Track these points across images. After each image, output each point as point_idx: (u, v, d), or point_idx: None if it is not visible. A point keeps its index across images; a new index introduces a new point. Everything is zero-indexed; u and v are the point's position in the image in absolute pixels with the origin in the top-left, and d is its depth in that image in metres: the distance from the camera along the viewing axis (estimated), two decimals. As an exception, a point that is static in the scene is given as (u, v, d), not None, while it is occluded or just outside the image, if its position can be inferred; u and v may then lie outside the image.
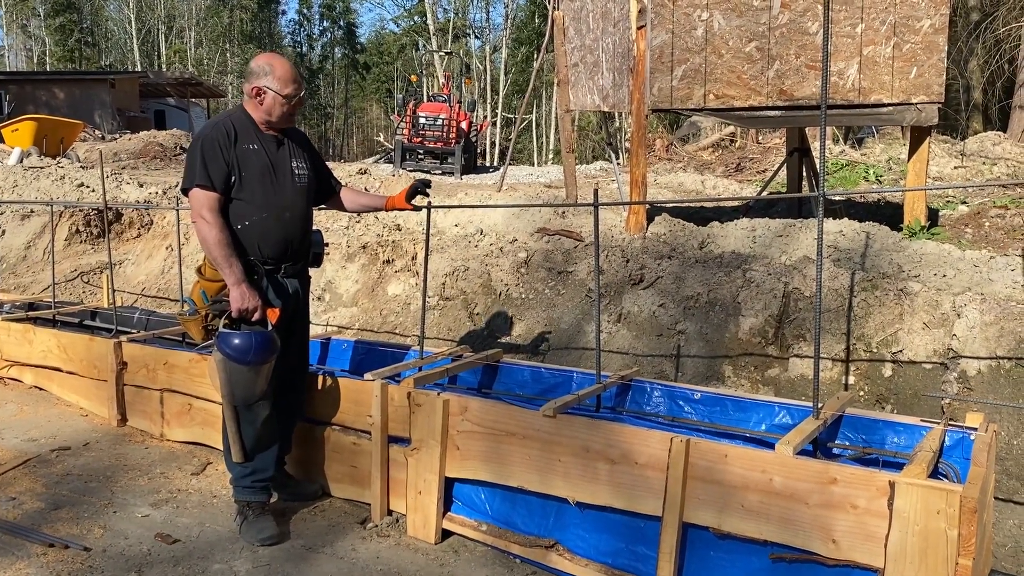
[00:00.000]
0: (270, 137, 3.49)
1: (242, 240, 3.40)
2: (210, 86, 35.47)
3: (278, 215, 3.46)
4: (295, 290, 3.59)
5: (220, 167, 3.32)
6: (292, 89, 3.43)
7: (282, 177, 3.49)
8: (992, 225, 6.47)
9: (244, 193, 3.39)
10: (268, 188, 3.44)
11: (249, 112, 3.47)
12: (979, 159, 11.59)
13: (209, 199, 3.31)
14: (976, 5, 18.38)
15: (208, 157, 3.32)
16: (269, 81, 3.41)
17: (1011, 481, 3.75)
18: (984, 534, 2.80)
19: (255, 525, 3.46)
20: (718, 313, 4.74)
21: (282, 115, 3.46)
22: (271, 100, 3.42)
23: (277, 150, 3.50)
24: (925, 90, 5.70)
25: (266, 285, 3.46)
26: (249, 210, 3.40)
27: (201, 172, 3.31)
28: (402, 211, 3.93)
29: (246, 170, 3.38)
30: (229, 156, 3.34)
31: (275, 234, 3.46)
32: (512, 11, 44.22)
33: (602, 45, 6.65)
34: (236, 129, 3.40)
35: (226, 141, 3.35)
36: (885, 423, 3.24)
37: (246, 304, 3.29)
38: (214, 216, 3.30)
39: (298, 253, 3.59)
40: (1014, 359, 3.89)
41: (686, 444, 2.90)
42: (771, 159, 12.89)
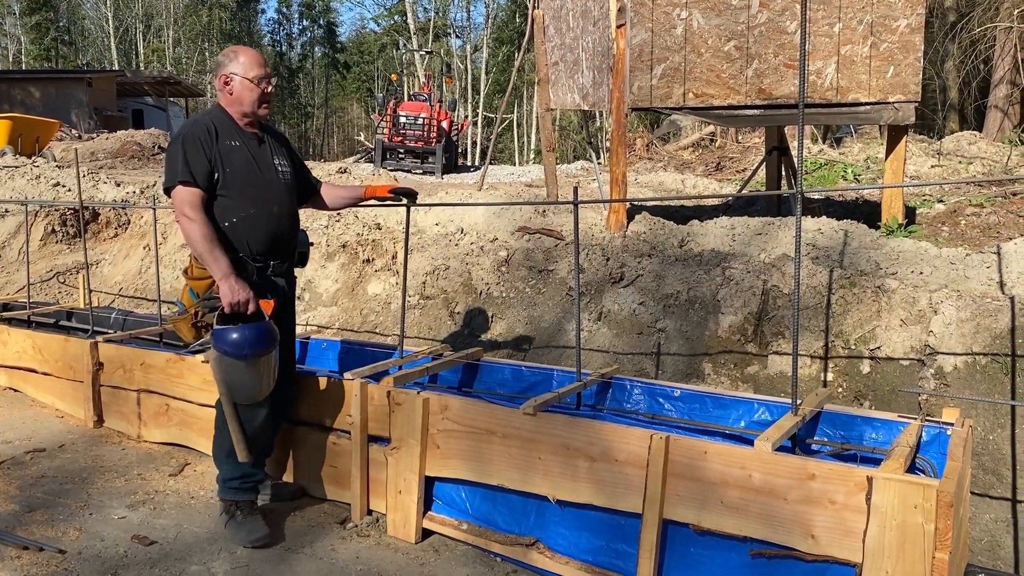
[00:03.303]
0: (250, 135, 3.44)
1: (230, 237, 3.32)
2: (189, 85, 35.17)
3: (267, 210, 3.40)
4: (283, 289, 3.54)
5: (202, 163, 3.24)
6: (257, 72, 3.36)
7: (267, 173, 3.44)
8: (968, 223, 6.54)
9: (230, 189, 3.32)
10: (254, 183, 3.38)
11: (225, 108, 3.42)
12: (955, 158, 11.72)
13: (192, 195, 3.23)
14: (953, 6, 18.58)
15: (190, 153, 3.24)
16: (234, 67, 3.36)
17: (987, 476, 3.78)
18: (960, 528, 2.82)
19: (245, 526, 3.40)
20: (698, 311, 4.76)
21: (254, 101, 3.38)
22: (239, 87, 3.36)
23: (259, 147, 3.45)
24: (902, 89, 5.75)
25: (257, 280, 3.40)
26: (236, 206, 3.33)
27: (183, 169, 3.22)
28: (381, 203, 3.85)
29: (230, 166, 3.31)
30: (211, 152, 3.27)
31: (264, 230, 3.40)
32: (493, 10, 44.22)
33: (582, 44, 6.66)
34: (216, 126, 3.33)
35: (207, 137, 3.28)
36: (863, 419, 3.26)
37: (237, 297, 3.19)
38: (197, 212, 3.21)
39: (286, 250, 3.53)
40: (990, 355, 3.92)
41: (666, 441, 2.91)
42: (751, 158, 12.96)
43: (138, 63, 47.20)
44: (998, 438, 3.82)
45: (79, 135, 21.56)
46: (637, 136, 18.94)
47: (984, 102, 16.23)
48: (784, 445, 2.94)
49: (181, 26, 49.98)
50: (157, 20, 49.89)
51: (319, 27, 60.75)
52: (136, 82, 31.46)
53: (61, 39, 48.47)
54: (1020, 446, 3.77)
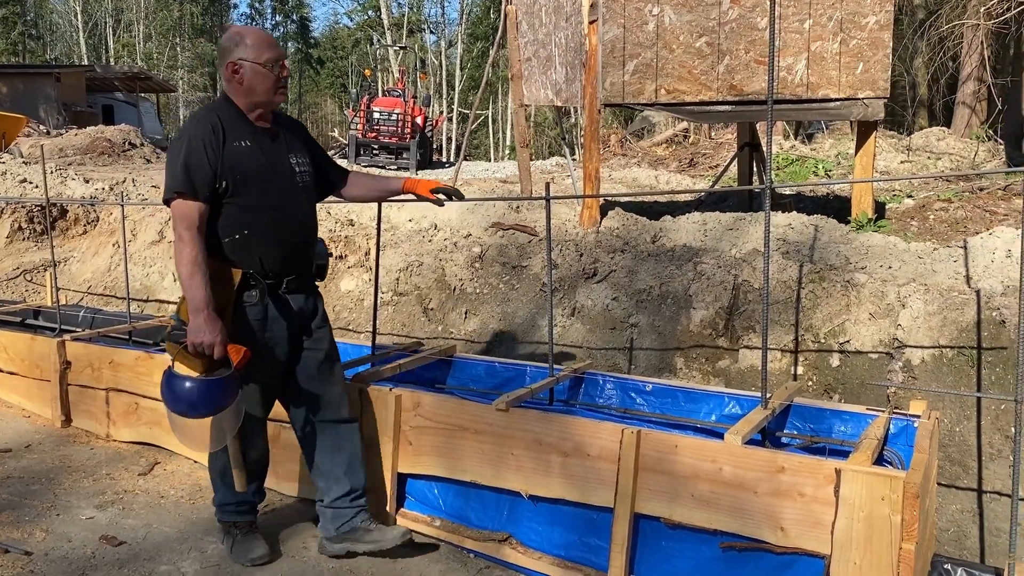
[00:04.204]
0: (262, 131, 3.04)
1: (239, 252, 2.96)
2: (160, 81, 34.79)
3: (280, 221, 3.02)
4: (300, 307, 3.14)
5: (205, 171, 2.86)
6: (270, 54, 2.96)
7: (281, 176, 3.05)
8: (936, 218, 6.62)
9: (239, 198, 2.94)
10: (267, 190, 2.99)
11: (233, 100, 3.01)
12: (924, 154, 11.86)
13: (189, 211, 2.85)
14: (921, 3, 18.80)
15: (192, 160, 2.85)
16: (243, 51, 2.94)
17: (954, 467, 3.84)
18: (927, 519, 2.86)
19: (243, 545, 3.22)
20: (670, 306, 4.78)
21: (267, 89, 2.98)
22: (250, 73, 2.95)
23: (272, 144, 3.06)
24: (871, 85, 5.80)
25: (266, 305, 3.02)
26: (246, 217, 2.96)
27: (182, 178, 2.85)
28: (420, 199, 3.41)
29: (240, 171, 2.92)
30: (217, 157, 2.88)
31: (277, 243, 3.02)
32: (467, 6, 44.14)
33: (555, 39, 6.66)
34: (224, 125, 2.92)
35: (213, 140, 2.88)
36: (832, 412, 3.30)
37: (201, 337, 2.79)
38: (190, 232, 2.84)
39: (303, 264, 3.16)
40: (956, 348, 3.98)
41: (637, 435, 2.92)
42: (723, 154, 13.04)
43: (108, 58, 46.57)
44: (964, 430, 3.88)
45: (47, 131, 21.25)
46: (611, 132, 18.99)
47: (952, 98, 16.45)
48: (754, 438, 2.96)
49: (152, 21, 49.36)
50: (127, 15, 49.23)
51: (292, 22, 60.29)
52: (106, 77, 31.05)
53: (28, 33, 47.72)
54: (985, 437, 3.83)
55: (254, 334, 3.01)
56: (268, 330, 3.04)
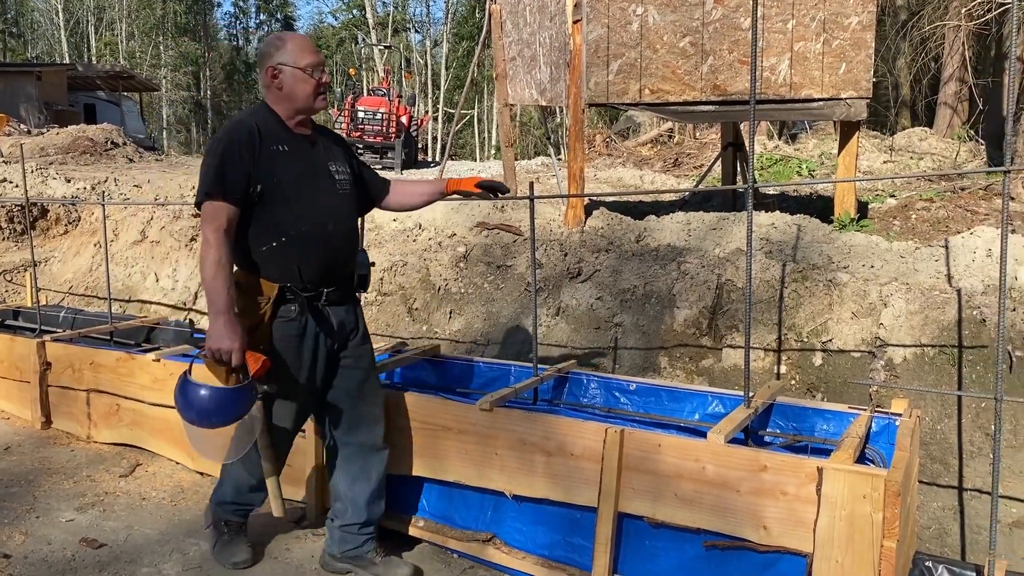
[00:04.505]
0: (301, 138, 2.93)
1: (276, 261, 2.83)
2: (143, 80, 34.53)
3: (321, 229, 2.88)
4: (340, 321, 3.00)
5: (240, 174, 2.74)
6: (310, 59, 2.86)
7: (321, 182, 2.93)
8: (919, 217, 6.66)
9: (277, 204, 2.81)
10: (305, 196, 2.86)
11: (272, 107, 2.91)
12: (907, 154, 11.94)
13: (218, 213, 2.72)
14: (904, 4, 18.93)
15: (228, 162, 2.73)
16: (283, 56, 2.86)
17: (935, 465, 3.86)
18: (908, 517, 2.88)
19: (228, 547, 3.18)
20: (654, 305, 4.79)
21: (308, 95, 2.87)
22: (291, 79, 2.85)
23: (311, 150, 2.95)
24: (854, 85, 5.83)
25: (305, 320, 2.89)
26: (285, 223, 2.82)
27: (215, 180, 2.73)
28: (468, 197, 3.32)
29: (278, 175, 2.80)
30: (254, 160, 2.76)
31: (318, 252, 2.88)
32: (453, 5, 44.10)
33: (539, 39, 6.65)
34: (260, 129, 2.81)
35: (250, 142, 2.76)
36: (814, 410, 3.31)
37: (220, 343, 2.66)
38: (217, 235, 2.70)
39: (344, 275, 3.01)
40: (937, 346, 4.01)
41: (620, 434, 2.92)
42: (707, 154, 13.08)
43: (90, 57, 46.19)
44: (945, 428, 3.90)
45: (28, 130, 21.03)
46: (597, 132, 19.01)
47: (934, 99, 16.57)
48: (737, 437, 2.96)
49: (135, 20, 49.01)
50: (109, 13, 48.87)
51: (276, 21, 59.97)
52: (88, 76, 30.78)
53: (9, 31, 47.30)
54: (966, 435, 3.86)
55: (292, 351, 2.87)
56: (306, 346, 2.90)
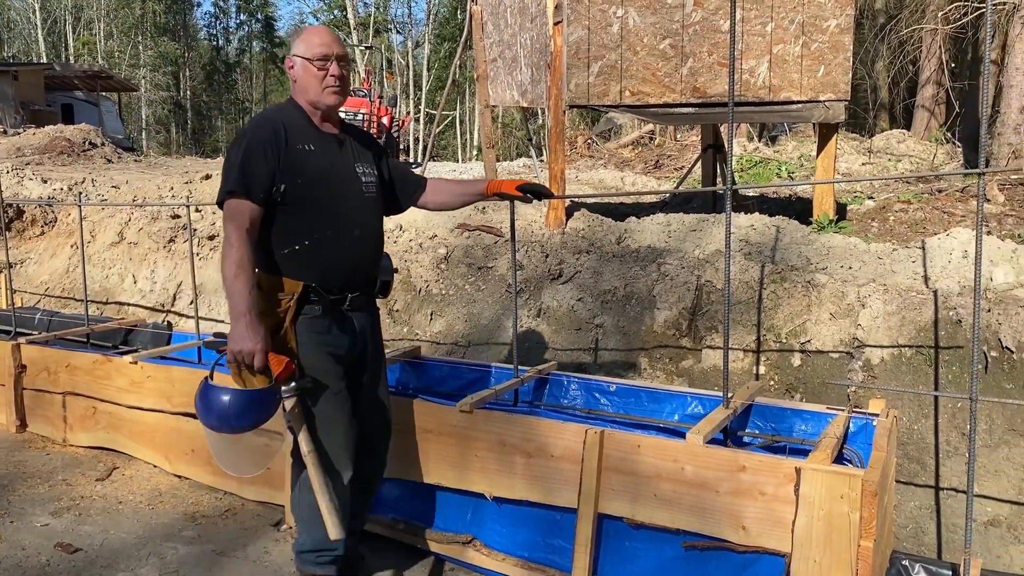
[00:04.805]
0: (328, 136, 2.83)
1: (300, 264, 2.71)
2: (121, 80, 34.23)
3: (347, 232, 2.78)
4: (362, 327, 2.90)
5: (263, 172, 2.63)
6: (319, 49, 2.75)
7: (349, 184, 2.83)
8: (896, 219, 6.71)
9: (301, 205, 2.71)
10: (332, 198, 2.76)
11: (297, 101, 2.83)
12: (885, 156, 12.05)
13: (241, 213, 2.61)
14: (882, 8, 19.12)
15: (250, 159, 2.63)
16: (297, 47, 2.79)
17: (912, 464, 3.90)
18: (885, 516, 2.90)
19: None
20: (634, 306, 4.80)
21: (321, 87, 2.76)
22: (301, 71, 2.77)
23: (339, 151, 2.84)
24: (832, 88, 5.87)
25: (330, 322, 2.78)
26: (309, 225, 2.72)
27: (238, 177, 2.62)
28: (507, 199, 3.16)
29: (303, 175, 2.70)
30: (277, 158, 2.66)
31: (344, 255, 2.78)
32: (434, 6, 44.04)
33: (520, 40, 6.66)
34: (286, 126, 2.72)
35: (274, 139, 2.66)
36: (793, 411, 3.33)
37: (241, 345, 2.53)
38: (239, 233, 2.59)
39: (368, 280, 2.91)
40: (914, 347, 4.04)
41: (600, 435, 2.92)
42: (688, 156, 13.13)
43: (68, 56, 45.73)
44: (922, 428, 3.94)
45: (4, 130, 20.81)
46: (578, 134, 19.04)
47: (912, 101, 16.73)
48: (716, 438, 2.98)
49: (113, 19, 48.56)
50: (87, 12, 48.39)
51: (257, 21, 59.65)
52: (66, 76, 30.47)
53: (-15, 31, 46.74)
54: (943, 435, 3.89)
55: (317, 351, 2.74)
56: (331, 344, 2.78)
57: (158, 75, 47.31)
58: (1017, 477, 3.72)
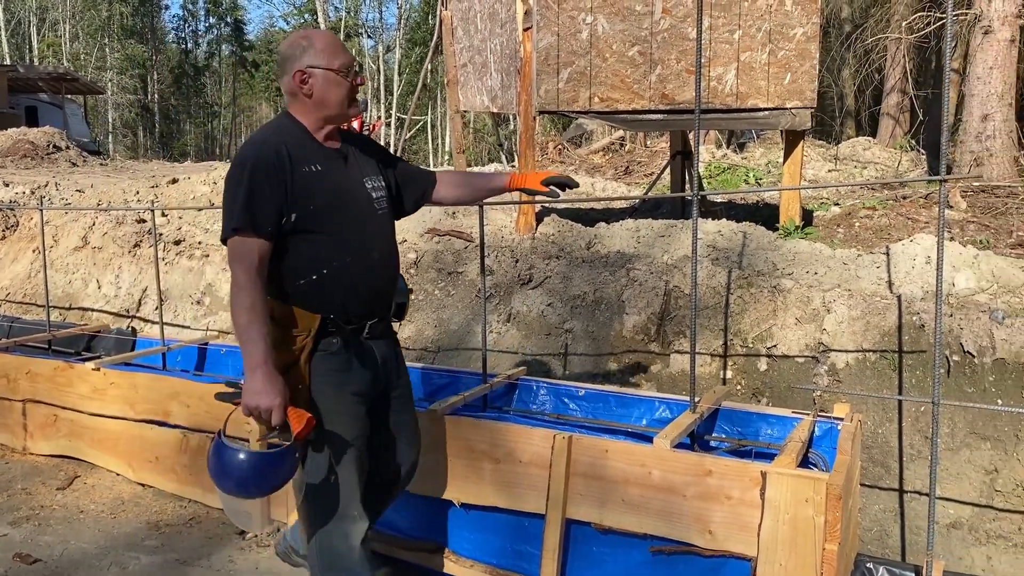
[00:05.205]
0: (332, 153, 2.58)
1: (317, 296, 2.49)
2: (87, 82, 33.73)
3: (365, 257, 2.57)
4: (383, 356, 2.68)
5: (271, 203, 2.39)
6: (344, 59, 2.53)
7: (361, 204, 2.60)
8: (861, 225, 6.80)
9: (315, 233, 2.48)
10: (345, 222, 2.54)
11: (297, 118, 2.55)
12: (851, 163, 12.22)
13: (249, 252, 2.36)
14: (848, 17, 19.40)
15: (256, 190, 2.37)
16: (312, 58, 2.50)
17: (876, 468, 3.94)
18: (850, 520, 2.93)
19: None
20: (604, 312, 4.81)
21: (341, 100, 2.54)
22: (323, 83, 2.51)
23: (346, 168, 2.60)
24: (799, 95, 5.95)
25: (350, 356, 2.57)
26: (324, 254, 2.50)
27: (242, 212, 2.36)
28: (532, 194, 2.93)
29: (313, 201, 2.46)
30: (283, 186, 2.41)
31: (363, 282, 2.57)
32: (406, 11, 43.98)
33: (490, 46, 6.66)
34: (289, 148, 2.45)
35: (280, 165, 2.41)
36: (759, 415, 3.36)
37: (258, 400, 2.30)
38: (249, 274, 2.35)
39: (386, 305, 2.70)
40: (878, 351, 4.09)
41: (568, 441, 2.92)
42: (658, 162, 13.22)
43: (32, 58, 45.03)
44: (887, 431, 3.98)
45: (-34, 132, 20.42)
46: (549, 140, 19.07)
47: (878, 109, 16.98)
48: (683, 442, 2.99)
49: (79, 21, 47.90)
50: (52, 14, 47.68)
51: (226, 24, 59.19)
52: (30, 78, 29.98)
53: (-54, 31, 45.87)
54: (907, 439, 3.94)
55: (335, 391, 2.53)
56: (351, 382, 2.56)
57: (125, 78, 46.72)
58: (978, 480, 3.78)
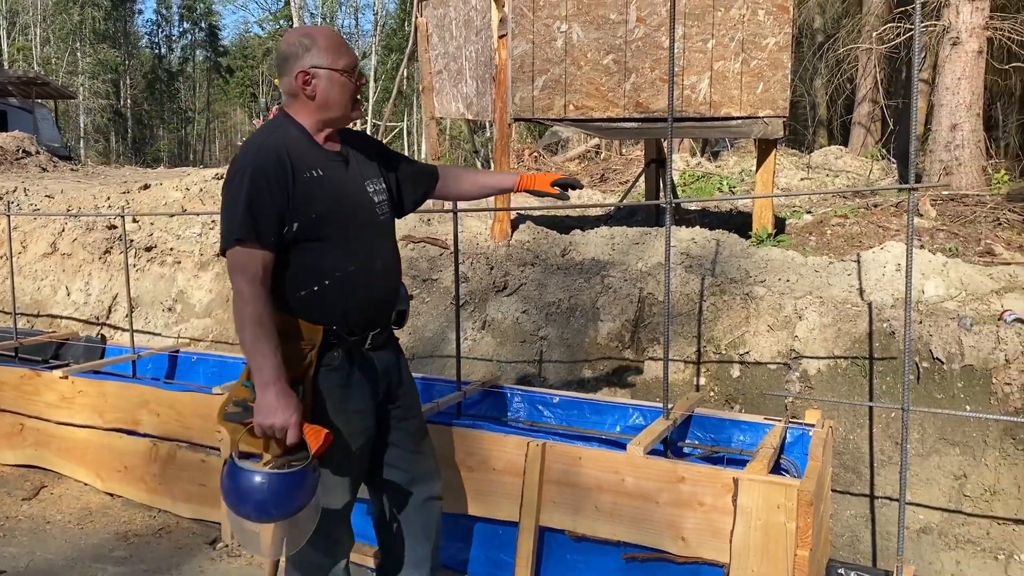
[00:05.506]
0: (333, 156, 2.48)
1: (318, 306, 2.40)
2: (58, 87, 33.25)
3: (367, 266, 2.48)
4: (385, 367, 2.60)
5: (273, 211, 2.29)
6: (347, 58, 2.43)
7: (364, 210, 2.51)
8: (833, 233, 6.87)
9: (317, 242, 2.39)
10: (347, 229, 2.44)
11: (297, 119, 2.45)
12: (823, 171, 12.34)
13: (252, 263, 2.28)
14: (821, 27, 19.64)
15: (256, 198, 2.28)
16: (315, 57, 2.39)
17: (848, 474, 3.97)
18: (821, 526, 2.94)
19: None
20: (578, 319, 4.82)
21: (345, 101, 2.44)
22: (326, 82, 2.40)
23: (346, 171, 2.50)
24: (771, 104, 6.00)
25: (351, 369, 2.48)
26: (327, 263, 2.41)
27: (243, 221, 2.27)
28: (540, 196, 2.87)
29: (315, 208, 2.36)
30: (285, 193, 2.31)
31: (366, 293, 2.48)
32: (381, 18, 43.90)
33: (465, 53, 6.66)
34: (290, 153, 2.35)
35: (281, 173, 2.31)
36: (732, 422, 3.37)
37: (272, 419, 2.22)
38: (253, 286, 2.27)
39: (388, 315, 2.60)
40: (849, 358, 4.13)
41: (542, 448, 2.92)
42: (633, 170, 13.28)
43: (1, 62, 44.43)
44: (858, 437, 4.02)
45: (-68, 137, 20.09)
46: (525, 147, 19.11)
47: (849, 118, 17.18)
48: (656, 449, 2.99)
49: (50, 24, 47.34)
50: (23, 17, 47.09)
51: (200, 30, 58.75)
52: None
53: (-87, 34, 45.16)
54: (877, 445, 3.98)
55: (337, 406, 2.44)
56: (352, 398, 2.48)
57: (97, 83, 46.21)
58: (947, 485, 3.82)
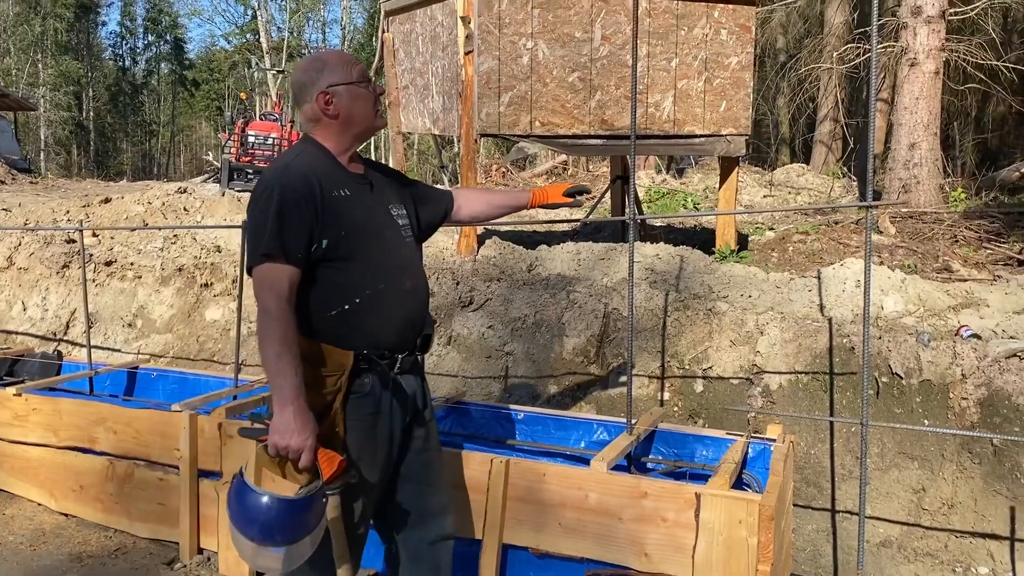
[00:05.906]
0: (357, 178, 2.47)
1: (348, 328, 2.35)
2: (19, 99, 32.78)
3: (398, 284, 2.44)
4: (413, 392, 2.54)
5: (302, 228, 2.26)
6: (359, 69, 2.45)
7: (391, 232, 2.49)
8: (795, 249, 6.97)
9: (346, 261, 2.35)
10: (375, 248, 2.42)
11: (322, 143, 2.43)
12: (786, 188, 12.53)
13: (279, 279, 2.24)
14: (783, 47, 19.98)
15: (285, 214, 2.25)
16: (330, 76, 2.39)
17: (809, 488, 4.01)
18: (783, 540, 2.96)
19: None
20: (544, 334, 4.82)
21: (368, 111, 2.45)
22: (347, 97, 2.40)
23: (372, 194, 2.49)
24: (734, 123, 6.09)
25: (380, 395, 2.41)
26: (355, 282, 2.36)
27: (272, 237, 2.23)
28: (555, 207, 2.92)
29: (343, 227, 2.34)
30: (316, 212, 2.28)
31: (396, 312, 2.44)
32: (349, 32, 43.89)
33: (432, 68, 6.67)
34: (317, 174, 2.34)
35: (309, 190, 2.28)
36: (695, 437, 3.39)
37: (288, 440, 2.17)
38: (279, 303, 2.22)
39: (416, 337, 2.54)
40: (811, 373, 4.17)
41: (506, 465, 2.91)
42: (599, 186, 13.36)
43: (-41, 73, 43.63)
44: (819, 452, 4.06)
45: None
46: (493, 162, 19.17)
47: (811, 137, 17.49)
48: (620, 464, 3.00)
49: (11, 36, 46.62)
50: (-17, 28, 46.36)
51: (166, 43, 58.26)
52: (-43, 93, 29.05)
53: None
54: (838, 459, 4.02)
55: (365, 435, 2.38)
56: (381, 427, 2.42)
57: (59, 94, 45.54)
58: (907, 499, 3.87)
